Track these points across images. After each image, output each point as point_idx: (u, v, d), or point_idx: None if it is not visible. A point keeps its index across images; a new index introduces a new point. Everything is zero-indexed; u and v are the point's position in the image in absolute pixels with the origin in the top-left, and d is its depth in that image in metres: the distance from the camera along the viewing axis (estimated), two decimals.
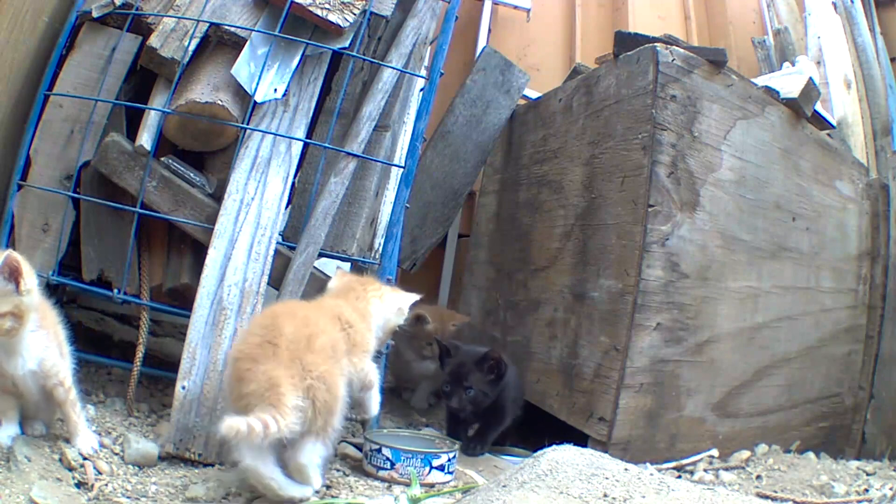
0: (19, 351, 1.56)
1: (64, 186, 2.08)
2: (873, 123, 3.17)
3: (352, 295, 1.91)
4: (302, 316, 1.71)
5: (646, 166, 2.12)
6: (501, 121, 3.09)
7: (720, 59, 2.21)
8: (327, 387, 1.60)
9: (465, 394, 2.11)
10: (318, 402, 1.57)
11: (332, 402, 1.61)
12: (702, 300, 2.18)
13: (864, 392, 2.52)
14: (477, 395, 2.12)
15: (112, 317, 2.62)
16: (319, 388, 1.58)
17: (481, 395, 2.13)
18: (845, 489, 1.97)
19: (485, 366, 2.14)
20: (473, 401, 2.12)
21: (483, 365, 2.14)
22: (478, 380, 2.13)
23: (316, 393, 1.57)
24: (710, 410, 2.23)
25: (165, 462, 1.79)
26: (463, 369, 2.14)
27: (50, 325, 1.65)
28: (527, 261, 2.72)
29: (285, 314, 1.71)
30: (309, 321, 1.69)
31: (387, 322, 1.95)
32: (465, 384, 2.12)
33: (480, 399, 2.14)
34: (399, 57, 2.28)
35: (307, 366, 1.58)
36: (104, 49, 2.15)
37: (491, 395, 2.15)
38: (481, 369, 2.14)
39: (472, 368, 2.13)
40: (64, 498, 1.49)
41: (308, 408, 1.56)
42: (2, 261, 1.47)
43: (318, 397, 1.57)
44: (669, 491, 1.44)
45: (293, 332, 1.63)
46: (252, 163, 2.07)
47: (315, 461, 1.62)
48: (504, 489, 1.49)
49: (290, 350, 1.59)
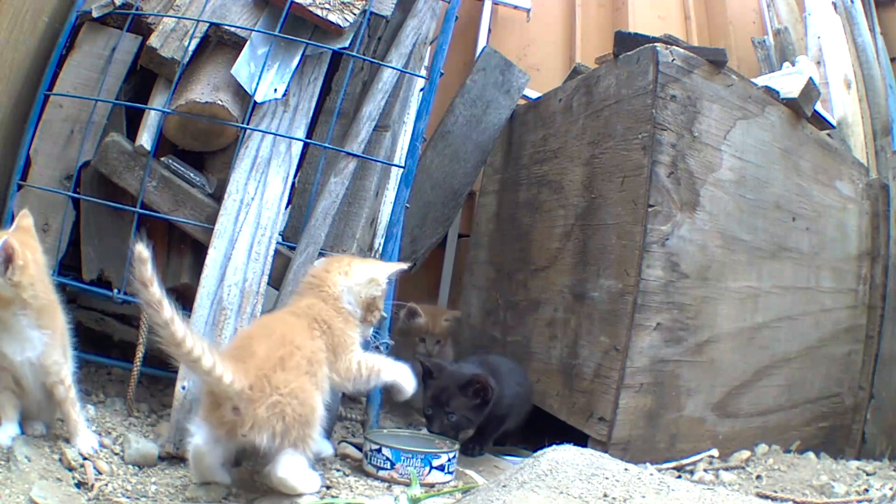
0: (16, 334, 1.59)
1: (64, 186, 2.08)
2: (873, 123, 3.17)
3: (317, 283, 1.81)
4: (278, 335, 1.67)
5: (646, 166, 2.12)
6: (501, 121, 3.09)
7: (720, 59, 2.21)
8: (299, 401, 1.58)
9: (447, 419, 2.02)
10: (289, 416, 1.56)
11: (308, 413, 1.60)
12: (702, 300, 2.19)
13: (864, 392, 2.52)
14: (460, 421, 2.04)
15: (112, 317, 2.61)
16: (289, 403, 1.56)
17: (465, 420, 2.05)
18: (845, 489, 1.97)
19: (469, 390, 2.04)
20: (456, 426, 2.04)
21: (468, 389, 2.04)
22: (461, 405, 2.03)
23: (285, 408, 1.56)
24: (710, 410, 2.23)
25: (165, 462, 1.79)
26: (445, 394, 2.03)
27: (58, 327, 1.67)
28: (527, 261, 2.72)
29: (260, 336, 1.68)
30: (284, 340, 1.66)
31: (359, 297, 1.80)
32: (446, 409, 2.02)
33: (464, 424, 2.06)
34: (399, 57, 2.28)
35: (275, 384, 1.56)
36: (104, 49, 2.16)
37: (475, 421, 2.07)
38: (466, 394, 2.04)
39: (456, 393, 2.03)
40: (64, 498, 1.49)
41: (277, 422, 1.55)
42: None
43: (288, 412, 1.56)
44: (669, 491, 1.44)
45: (265, 353, 1.61)
46: (252, 163, 2.07)
47: (298, 471, 1.59)
48: (504, 489, 1.49)
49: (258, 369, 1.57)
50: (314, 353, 1.69)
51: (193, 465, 1.62)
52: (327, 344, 1.73)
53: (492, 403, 2.06)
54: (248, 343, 1.66)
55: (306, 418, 1.59)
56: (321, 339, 1.73)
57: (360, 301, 1.81)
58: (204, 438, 1.58)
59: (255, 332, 1.74)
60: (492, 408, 2.08)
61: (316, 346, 1.70)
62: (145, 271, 1.43)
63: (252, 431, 1.54)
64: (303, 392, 1.60)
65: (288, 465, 1.58)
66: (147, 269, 1.43)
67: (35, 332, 1.61)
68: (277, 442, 1.56)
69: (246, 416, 1.53)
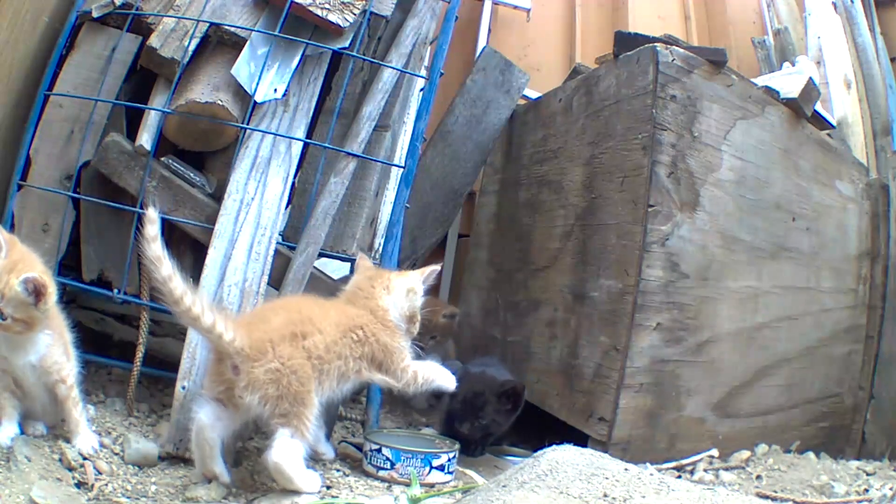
0: (23, 345, 1.62)
1: (64, 186, 2.08)
2: (873, 123, 3.16)
3: (364, 296, 1.86)
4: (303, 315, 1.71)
5: (646, 166, 2.12)
6: (501, 121, 3.09)
7: (720, 59, 2.21)
8: (297, 377, 1.61)
9: (478, 422, 2.05)
10: (283, 387, 1.59)
11: (303, 393, 1.61)
12: (702, 300, 2.18)
13: (864, 392, 2.52)
14: (490, 425, 2.07)
15: (112, 317, 2.61)
16: (287, 375, 1.60)
17: (495, 425, 2.08)
18: (845, 489, 1.97)
19: (503, 397, 2.06)
20: (485, 429, 2.08)
21: (502, 396, 2.06)
22: (493, 410, 2.05)
23: (281, 378, 1.59)
24: (710, 410, 2.23)
25: (165, 462, 1.79)
26: (480, 399, 2.05)
27: (56, 327, 1.69)
28: (527, 261, 2.72)
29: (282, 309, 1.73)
30: (308, 321, 1.69)
31: (402, 311, 1.87)
32: (479, 414, 2.05)
33: (493, 429, 2.10)
34: (399, 57, 2.28)
35: (279, 353, 1.60)
36: (104, 49, 2.16)
37: (504, 425, 2.11)
38: (499, 399, 2.06)
39: (491, 399, 2.05)
40: (64, 498, 1.49)
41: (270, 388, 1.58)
42: (32, 276, 1.55)
43: (284, 383, 1.59)
44: (669, 491, 1.44)
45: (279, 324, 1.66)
46: (252, 163, 2.07)
47: (293, 459, 1.60)
48: (504, 489, 1.49)
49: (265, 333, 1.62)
50: (334, 348, 1.71)
51: (195, 444, 1.64)
52: (364, 353, 1.77)
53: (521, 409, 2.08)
54: (268, 313, 1.72)
55: (301, 397, 1.61)
56: (356, 345, 1.76)
57: (403, 314, 1.87)
58: (206, 411, 1.62)
59: (280, 304, 1.82)
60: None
61: (343, 344, 1.73)
62: (152, 229, 1.55)
63: (246, 391, 1.57)
64: (304, 373, 1.62)
65: (282, 449, 1.58)
66: (154, 227, 1.55)
67: (40, 335, 1.63)
68: (269, 409, 1.58)
69: (243, 374, 1.58)
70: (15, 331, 1.57)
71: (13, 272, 1.55)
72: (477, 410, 2.05)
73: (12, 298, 1.54)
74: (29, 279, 1.55)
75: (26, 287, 1.55)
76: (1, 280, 1.55)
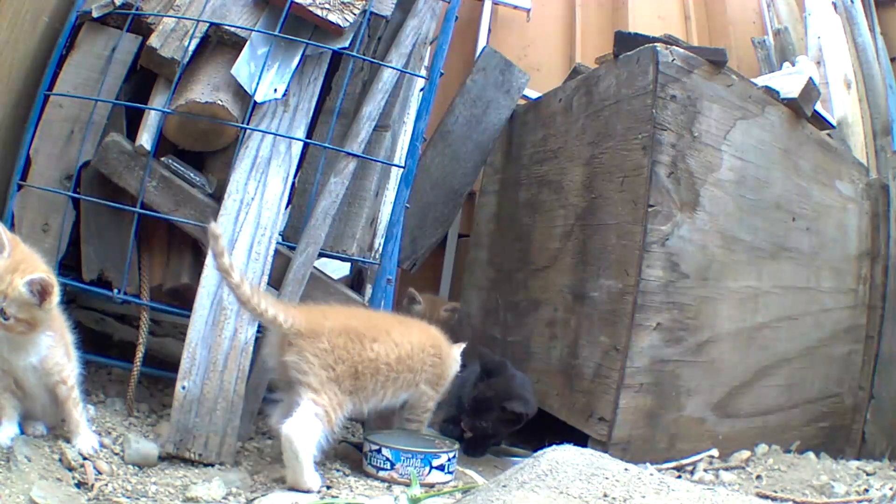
0: (24, 346, 1.61)
1: (64, 186, 2.07)
2: (873, 123, 3.16)
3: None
4: (379, 326, 1.90)
5: (646, 166, 2.12)
6: (501, 121, 3.09)
7: (720, 59, 2.21)
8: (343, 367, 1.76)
9: (479, 424, 2.10)
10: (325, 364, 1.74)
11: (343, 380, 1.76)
12: (702, 300, 2.18)
13: (864, 392, 2.52)
14: (487, 430, 2.12)
15: (112, 317, 2.61)
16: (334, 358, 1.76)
17: (494, 431, 2.14)
18: (845, 489, 1.97)
19: (508, 410, 2.08)
20: (483, 432, 2.12)
21: (506, 409, 2.08)
22: (496, 418, 2.09)
23: (327, 357, 1.74)
24: (710, 410, 2.23)
25: (165, 462, 1.79)
26: (486, 405, 2.09)
27: (58, 328, 1.68)
28: (527, 261, 2.72)
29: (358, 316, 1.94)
30: (385, 335, 1.87)
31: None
32: (482, 418, 2.09)
33: (491, 434, 2.15)
34: (399, 57, 2.28)
35: (335, 343, 1.77)
36: (104, 49, 2.15)
37: (503, 436, 2.17)
38: (504, 410, 2.08)
39: (495, 407, 2.08)
40: (64, 498, 1.49)
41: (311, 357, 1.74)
42: (38, 276, 1.55)
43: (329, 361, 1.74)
44: (669, 491, 1.44)
45: (340, 320, 1.83)
46: (252, 163, 2.07)
47: (308, 442, 1.65)
48: (504, 489, 1.49)
49: (328, 329, 1.78)
50: (406, 363, 1.89)
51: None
52: (429, 377, 1.98)
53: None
54: (333, 312, 1.89)
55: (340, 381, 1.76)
56: (429, 367, 1.97)
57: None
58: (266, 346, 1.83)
59: (352, 311, 1.98)
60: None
61: (416, 359, 1.92)
62: (219, 245, 1.69)
63: (291, 353, 1.75)
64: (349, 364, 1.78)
65: (301, 423, 1.67)
66: (221, 243, 1.70)
67: (42, 336, 1.63)
68: (302, 374, 1.73)
69: (294, 346, 1.76)
70: (17, 331, 1.57)
71: (16, 272, 1.55)
72: (483, 413, 2.08)
73: (16, 299, 1.54)
74: (35, 280, 1.54)
75: (31, 288, 1.54)
76: (3, 280, 1.54)
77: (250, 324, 1.93)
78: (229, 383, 1.87)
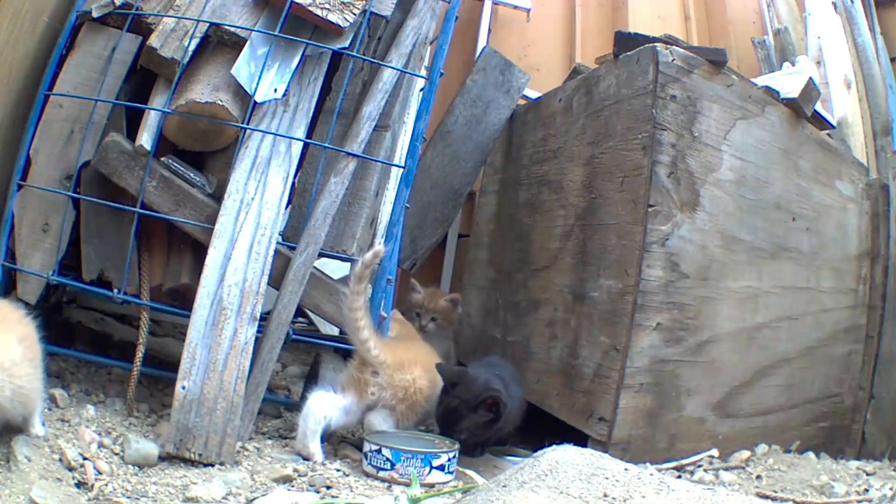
0: None
1: (64, 186, 2.07)
2: (873, 123, 3.16)
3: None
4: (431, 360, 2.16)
5: (646, 166, 2.12)
6: (501, 121, 3.09)
7: (720, 59, 2.21)
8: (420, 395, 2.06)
9: (456, 436, 2.01)
10: (408, 394, 2.05)
11: (418, 406, 2.07)
12: (702, 300, 2.18)
13: (864, 392, 2.52)
14: (468, 437, 2.03)
15: (112, 317, 2.62)
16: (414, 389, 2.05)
17: (476, 436, 2.04)
18: (845, 489, 1.97)
19: (481, 408, 2.00)
20: (464, 442, 2.03)
21: (478, 408, 2.00)
22: (471, 423, 2.01)
23: (409, 387, 2.04)
24: (710, 410, 2.23)
25: (165, 462, 1.79)
26: (455, 416, 2.01)
27: None
28: (527, 261, 2.72)
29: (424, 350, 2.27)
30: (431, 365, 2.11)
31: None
32: (456, 427, 2.01)
33: (473, 440, 2.06)
34: (399, 57, 2.28)
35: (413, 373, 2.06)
36: (104, 49, 2.15)
37: (485, 436, 2.06)
38: (477, 412, 2.00)
39: (466, 413, 2.00)
40: (64, 498, 1.49)
41: (399, 392, 2.03)
42: None
43: (410, 391, 2.04)
44: (669, 491, 1.44)
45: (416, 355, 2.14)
46: (252, 163, 2.07)
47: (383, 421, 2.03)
48: (504, 489, 1.49)
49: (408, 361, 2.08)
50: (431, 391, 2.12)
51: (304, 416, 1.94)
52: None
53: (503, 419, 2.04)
54: (413, 346, 2.26)
55: (415, 407, 2.07)
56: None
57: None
58: (323, 395, 1.99)
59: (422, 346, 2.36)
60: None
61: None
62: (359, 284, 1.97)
63: (382, 389, 2.01)
64: (423, 392, 2.07)
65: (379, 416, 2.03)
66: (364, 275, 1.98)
67: None
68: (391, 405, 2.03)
69: (382, 376, 2.02)
70: None
71: None
72: (454, 423, 2.01)
73: None
74: None
75: None
76: None
77: (250, 324, 1.93)
78: (229, 383, 1.87)
